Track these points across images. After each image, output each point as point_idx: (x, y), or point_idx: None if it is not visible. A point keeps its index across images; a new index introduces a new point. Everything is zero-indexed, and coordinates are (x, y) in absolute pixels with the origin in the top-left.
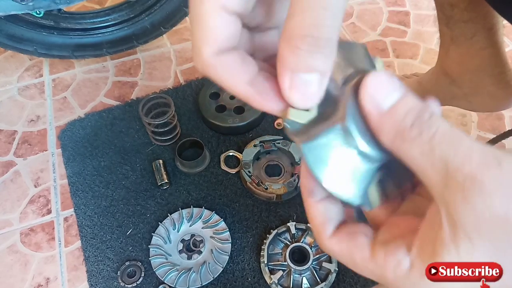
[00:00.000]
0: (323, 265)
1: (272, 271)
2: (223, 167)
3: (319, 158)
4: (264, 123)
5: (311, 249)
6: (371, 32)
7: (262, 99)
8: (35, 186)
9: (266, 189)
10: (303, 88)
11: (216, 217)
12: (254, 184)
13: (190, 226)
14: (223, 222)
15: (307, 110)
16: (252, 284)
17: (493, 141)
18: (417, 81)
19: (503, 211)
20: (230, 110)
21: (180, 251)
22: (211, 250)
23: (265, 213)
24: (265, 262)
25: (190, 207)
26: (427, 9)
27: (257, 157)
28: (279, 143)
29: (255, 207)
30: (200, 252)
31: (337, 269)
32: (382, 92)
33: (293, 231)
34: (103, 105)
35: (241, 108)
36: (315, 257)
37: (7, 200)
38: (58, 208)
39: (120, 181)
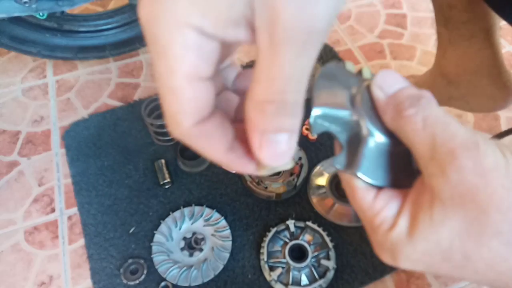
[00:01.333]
0: (321, 262)
1: (271, 268)
2: None
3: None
4: None
5: (309, 246)
6: (369, 34)
7: (242, 164)
8: (39, 185)
9: (266, 188)
10: (273, 148)
11: (217, 215)
12: (254, 183)
13: (192, 224)
14: (224, 220)
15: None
16: (253, 281)
17: None
18: (414, 83)
19: (474, 186)
20: None
21: (182, 249)
22: (212, 247)
23: (265, 211)
24: (265, 259)
25: (192, 206)
26: (424, 12)
27: None
28: None
29: (255, 205)
30: (201, 250)
31: (335, 266)
32: (388, 82)
33: (292, 229)
34: (106, 106)
35: None
36: (313, 255)
37: (11, 199)
38: (62, 207)
39: (123, 180)
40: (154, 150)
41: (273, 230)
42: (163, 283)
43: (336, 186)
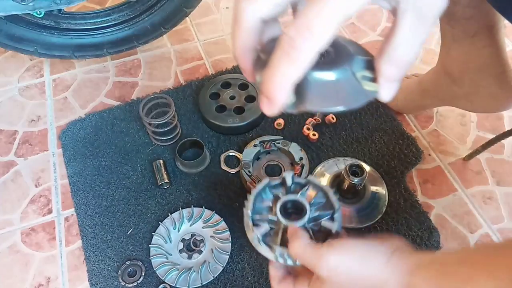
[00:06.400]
0: (323, 224)
1: (256, 226)
2: (223, 167)
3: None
4: (264, 123)
5: (309, 205)
6: (371, 33)
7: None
8: (36, 186)
9: None
10: (393, 90)
11: (216, 216)
12: (254, 184)
13: (191, 225)
14: (223, 222)
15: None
16: (252, 284)
17: (492, 142)
18: (417, 81)
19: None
20: (230, 110)
21: (181, 251)
22: (212, 249)
23: None
24: (249, 214)
25: (191, 207)
26: None
27: (257, 157)
28: (279, 143)
29: None
30: (200, 252)
31: (339, 230)
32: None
33: (289, 183)
34: (103, 105)
35: (241, 108)
36: (313, 215)
37: (8, 200)
38: (59, 208)
39: (121, 181)
40: (152, 150)
41: (265, 181)
42: (161, 286)
43: (337, 187)
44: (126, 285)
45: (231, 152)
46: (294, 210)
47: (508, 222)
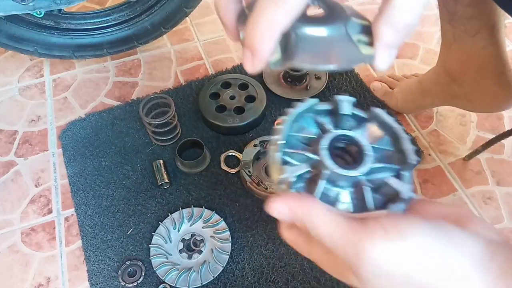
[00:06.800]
0: (386, 182)
1: (288, 165)
2: (223, 167)
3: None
4: (264, 123)
5: (373, 149)
6: None
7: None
8: (36, 186)
9: (266, 189)
10: (390, 57)
11: (216, 216)
12: (254, 184)
13: (191, 225)
14: (223, 222)
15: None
16: (252, 283)
17: (492, 141)
18: (417, 81)
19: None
20: (230, 110)
21: (181, 251)
22: (211, 249)
23: (265, 212)
24: (279, 146)
25: (191, 207)
26: (427, 9)
27: (257, 157)
28: None
29: (255, 206)
30: (200, 252)
31: (413, 195)
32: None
33: (345, 111)
34: (103, 105)
35: (241, 108)
36: (376, 165)
37: (8, 200)
38: (59, 208)
39: (121, 181)
40: (152, 150)
41: (308, 103)
42: (161, 286)
43: None
44: (126, 285)
45: (231, 152)
46: (345, 154)
47: (508, 222)
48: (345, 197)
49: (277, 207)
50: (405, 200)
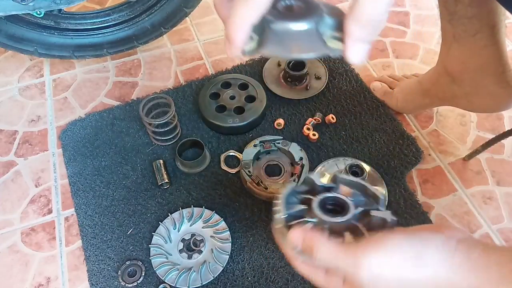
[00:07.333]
0: (373, 214)
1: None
2: (223, 167)
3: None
4: (264, 123)
5: (351, 200)
6: None
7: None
8: (36, 186)
9: (266, 189)
10: (362, 51)
11: (216, 216)
12: (254, 184)
13: (191, 225)
14: (223, 222)
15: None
16: (252, 283)
17: (492, 141)
18: (417, 81)
19: None
20: (230, 110)
21: (181, 251)
22: (211, 249)
23: (265, 212)
24: (283, 218)
25: (191, 207)
26: (427, 9)
27: (257, 157)
28: (279, 143)
29: (255, 206)
30: (200, 252)
31: (394, 218)
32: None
33: (318, 182)
34: (103, 105)
35: (241, 108)
36: (358, 211)
37: (8, 200)
38: (59, 208)
39: (121, 181)
40: (152, 150)
41: (290, 186)
42: (161, 286)
43: None
44: (126, 285)
45: (231, 152)
46: (333, 208)
47: (508, 222)
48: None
49: (295, 234)
50: (391, 222)
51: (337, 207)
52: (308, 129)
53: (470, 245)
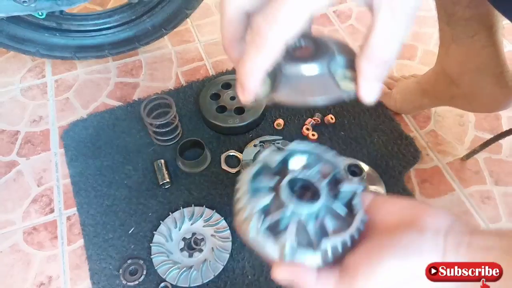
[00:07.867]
0: (342, 190)
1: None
2: (224, 166)
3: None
4: (264, 123)
5: (313, 171)
6: None
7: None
8: (38, 186)
9: None
10: (375, 90)
11: (217, 215)
12: None
13: (191, 224)
14: (223, 221)
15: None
16: (253, 282)
17: (490, 141)
18: (416, 82)
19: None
20: (231, 110)
21: (182, 249)
22: (212, 248)
23: None
24: (245, 197)
25: (191, 206)
26: (425, 11)
27: (257, 157)
28: (279, 143)
29: None
30: (201, 250)
31: (362, 187)
32: None
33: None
34: (105, 105)
35: (241, 108)
36: (328, 183)
37: (10, 199)
38: (61, 207)
39: (122, 180)
40: (153, 150)
41: (249, 171)
42: (162, 284)
43: None
44: (128, 283)
45: (232, 152)
46: (304, 192)
47: (506, 222)
48: (328, 222)
49: (281, 271)
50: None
51: (304, 189)
52: (308, 129)
53: (458, 240)
